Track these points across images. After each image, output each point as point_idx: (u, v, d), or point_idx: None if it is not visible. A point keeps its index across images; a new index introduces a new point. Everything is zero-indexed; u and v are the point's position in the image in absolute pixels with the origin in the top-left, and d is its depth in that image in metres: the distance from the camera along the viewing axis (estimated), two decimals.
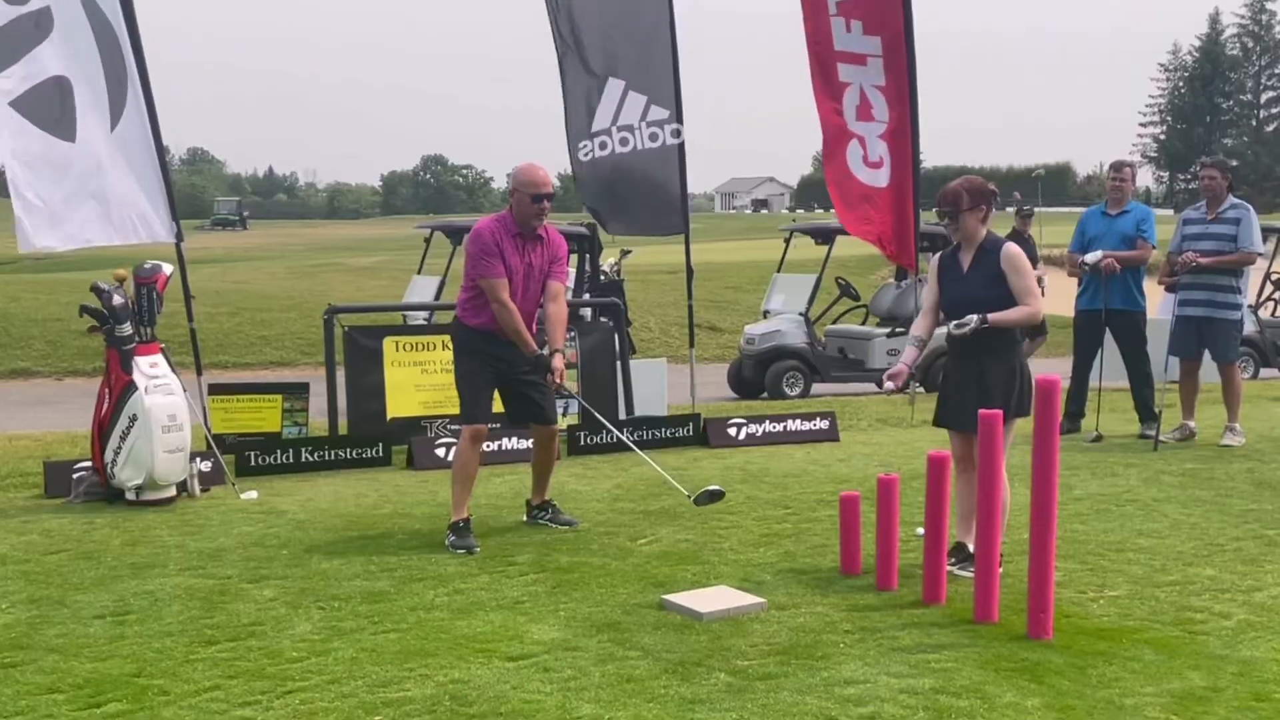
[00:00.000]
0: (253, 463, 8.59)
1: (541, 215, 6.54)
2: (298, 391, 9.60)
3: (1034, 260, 14.22)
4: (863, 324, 16.21)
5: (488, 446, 9.06)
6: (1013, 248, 5.77)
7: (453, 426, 9.01)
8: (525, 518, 7.06)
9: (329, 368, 9.51)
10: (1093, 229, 9.98)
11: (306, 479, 8.50)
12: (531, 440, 7.12)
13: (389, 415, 9.46)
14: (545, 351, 6.59)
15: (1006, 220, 16.80)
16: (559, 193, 6.99)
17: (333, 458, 8.86)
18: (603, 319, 10.98)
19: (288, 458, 8.73)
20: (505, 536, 6.72)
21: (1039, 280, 12.45)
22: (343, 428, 9.43)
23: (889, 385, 5.95)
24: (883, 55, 10.66)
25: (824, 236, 15.41)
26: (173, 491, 7.73)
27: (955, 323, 5.65)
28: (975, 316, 5.61)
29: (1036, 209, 14.94)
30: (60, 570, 6.05)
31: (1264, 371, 16.08)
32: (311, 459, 8.79)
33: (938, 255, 6.11)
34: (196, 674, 4.54)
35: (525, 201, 6.50)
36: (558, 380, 6.66)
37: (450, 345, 7.48)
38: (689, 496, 6.68)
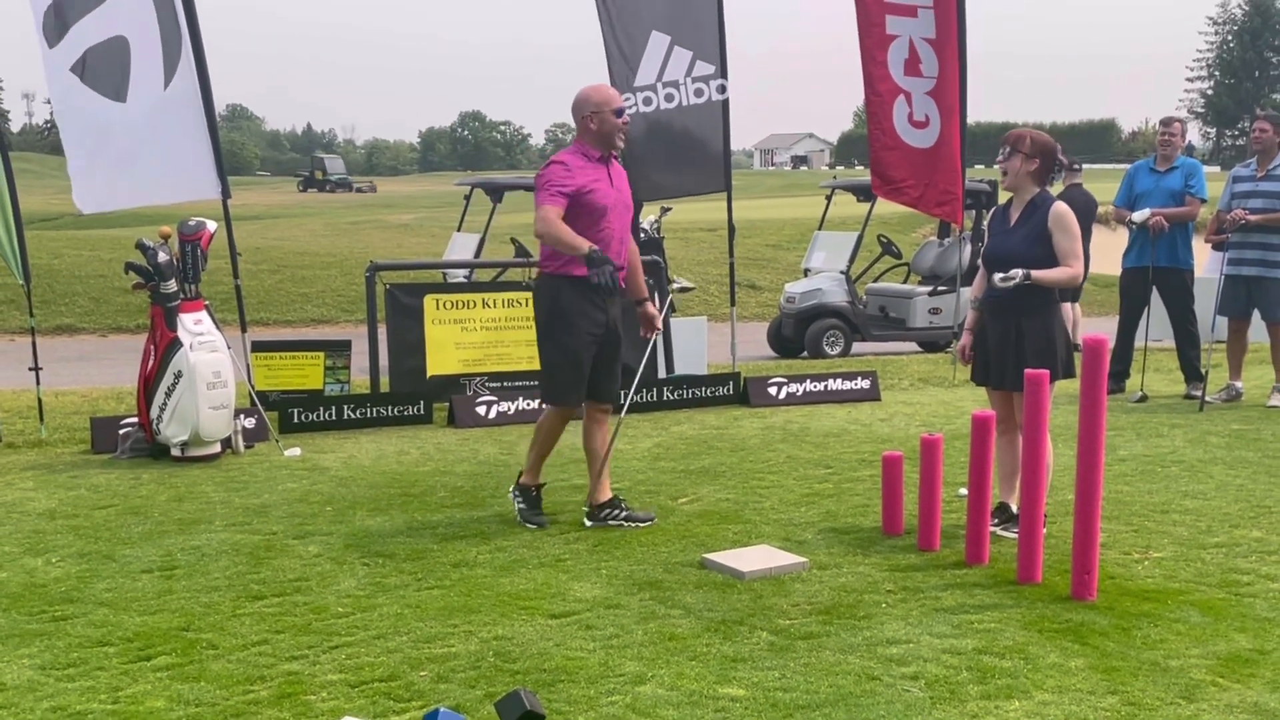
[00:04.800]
0: (295, 420, 8.66)
1: (624, 130, 5.97)
2: (340, 349, 9.66)
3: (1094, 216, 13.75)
4: (904, 282, 16.09)
5: (527, 405, 9.11)
6: (1062, 206, 5.69)
7: (539, 404, 7.46)
8: (586, 520, 6.12)
9: (371, 325, 9.55)
10: (1141, 185, 9.84)
11: (348, 436, 8.56)
12: (585, 415, 6.20)
13: (429, 373, 9.50)
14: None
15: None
16: None
17: (374, 415, 8.92)
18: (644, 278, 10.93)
19: (330, 415, 8.79)
20: (546, 495, 6.72)
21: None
22: (384, 385, 9.48)
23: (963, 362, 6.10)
24: (934, 6, 10.44)
25: (866, 193, 15.22)
26: (217, 448, 7.81)
27: (1001, 275, 5.57)
28: (1020, 270, 5.55)
29: (1084, 166, 14.66)
30: (108, 525, 6.13)
31: None
32: (353, 416, 8.85)
33: (992, 210, 6.06)
34: (244, 628, 4.59)
35: (609, 118, 5.88)
36: (658, 327, 6.24)
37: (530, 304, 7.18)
38: None
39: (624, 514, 6.07)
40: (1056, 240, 5.63)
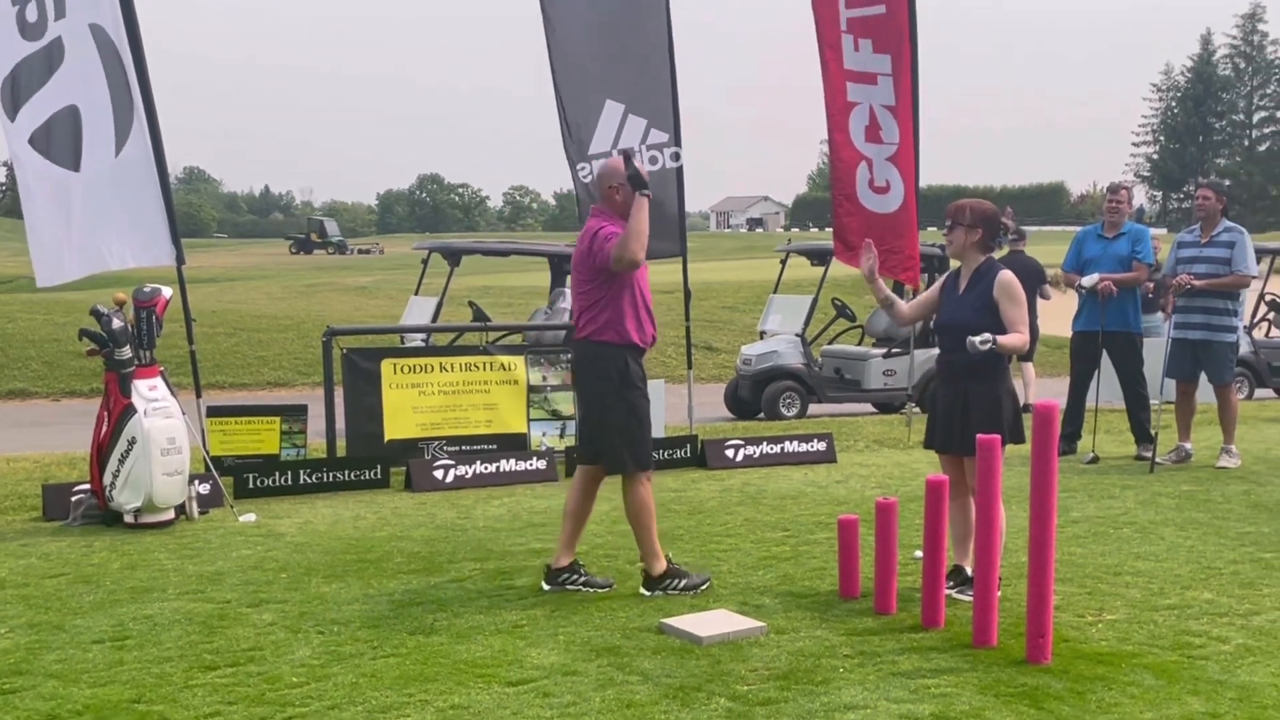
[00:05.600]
0: (251, 485, 8.60)
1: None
2: (296, 413, 9.61)
3: (1043, 281, 14.13)
4: (859, 344, 16.23)
5: (485, 469, 9.11)
6: (1007, 275, 5.80)
7: (631, 472, 6.11)
8: (545, 584, 6.09)
9: (327, 390, 9.53)
10: (1089, 251, 10.02)
11: (305, 501, 8.51)
12: (582, 482, 6.17)
13: (387, 437, 9.48)
14: None
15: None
16: (556, 213, 6.90)
17: (330, 480, 8.87)
18: None
19: (286, 480, 8.74)
20: (504, 560, 6.72)
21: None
22: (341, 449, 9.44)
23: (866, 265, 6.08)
24: (892, 74, 10.59)
25: (820, 257, 15.44)
26: (171, 514, 7.74)
27: (981, 338, 5.59)
28: (991, 335, 5.61)
29: (1034, 228, 14.93)
30: (59, 594, 6.04)
31: (1259, 392, 16.12)
32: (310, 481, 8.80)
33: (948, 273, 6.15)
34: (196, 700, 4.54)
35: (629, 191, 6.01)
36: None
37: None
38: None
39: (582, 579, 6.06)
40: (1003, 308, 5.74)
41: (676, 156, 10.33)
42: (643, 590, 5.99)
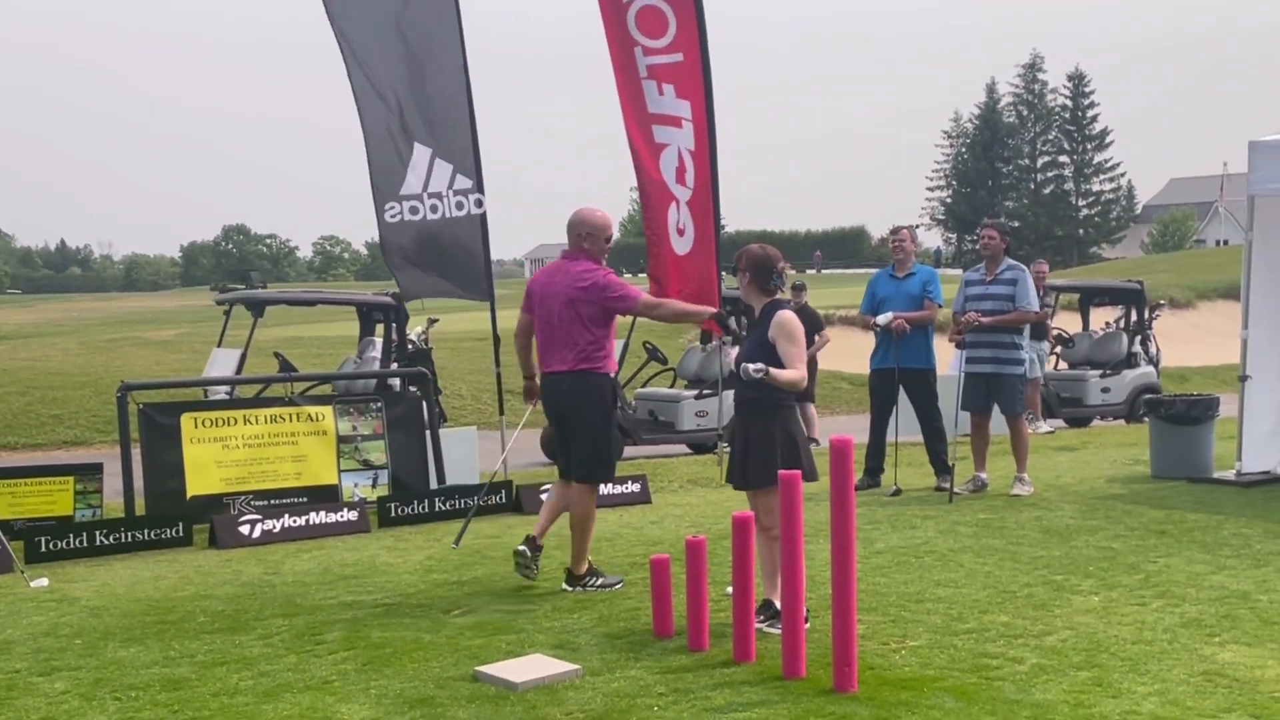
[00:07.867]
0: (43, 548, 8.19)
1: None
2: (90, 472, 9.21)
3: (819, 328, 14.90)
4: (671, 387, 16.45)
5: (293, 521, 8.90)
6: (784, 315, 6.02)
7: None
8: (566, 585, 7.05)
9: (124, 447, 9.17)
10: (882, 291, 10.41)
11: (102, 563, 8.15)
12: (561, 491, 7.34)
13: (189, 493, 9.17)
14: None
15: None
16: (368, 262, 6.96)
17: (129, 540, 8.52)
18: (411, 388, 10.89)
19: (81, 541, 8.36)
20: (314, 614, 6.56)
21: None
22: (140, 508, 9.08)
23: None
24: (692, 119, 10.81)
25: None
26: None
27: (755, 366, 5.82)
28: (762, 365, 5.82)
29: (838, 271, 15.52)
30: None
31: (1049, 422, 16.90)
32: (107, 542, 8.44)
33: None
34: None
35: (602, 243, 7.02)
36: None
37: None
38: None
39: (599, 580, 6.99)
40: (780, 346, 5.97)
41: (480, 203, 10.37)
42: (565, 586, 6.94)
